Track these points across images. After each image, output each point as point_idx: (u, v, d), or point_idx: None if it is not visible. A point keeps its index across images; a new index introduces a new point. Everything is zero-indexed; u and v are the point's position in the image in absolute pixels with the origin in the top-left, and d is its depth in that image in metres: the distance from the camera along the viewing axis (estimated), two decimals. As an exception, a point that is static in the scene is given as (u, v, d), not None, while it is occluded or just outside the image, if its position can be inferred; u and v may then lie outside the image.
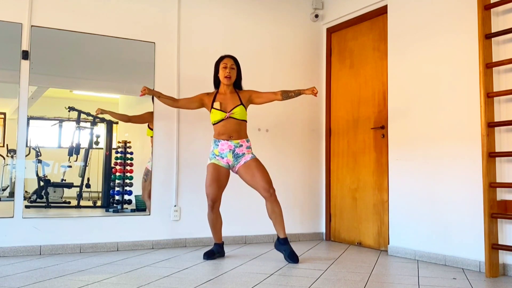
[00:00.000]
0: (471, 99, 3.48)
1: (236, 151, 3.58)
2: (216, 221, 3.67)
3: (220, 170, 3.58)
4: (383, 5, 4.31)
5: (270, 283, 2.82)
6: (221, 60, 3.70)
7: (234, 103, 3.62)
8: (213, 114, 3.62)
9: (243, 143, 3.60)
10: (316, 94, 3.51)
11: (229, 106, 3.61)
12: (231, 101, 3.63)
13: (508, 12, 3.30)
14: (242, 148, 3.59)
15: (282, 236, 3.59)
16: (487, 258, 3.15)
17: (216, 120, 3.61)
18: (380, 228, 4.25)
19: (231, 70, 3.65)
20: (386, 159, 4.21)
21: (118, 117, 4.19)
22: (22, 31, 3.76)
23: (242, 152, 3.58)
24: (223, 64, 3.67)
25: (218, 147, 3.60)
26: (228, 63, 3.66)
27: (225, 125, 3.59)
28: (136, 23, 4.20)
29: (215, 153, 3.61)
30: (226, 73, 3.64)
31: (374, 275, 3.14)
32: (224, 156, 3.58)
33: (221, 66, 3.68)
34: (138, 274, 3.03)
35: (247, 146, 3.62)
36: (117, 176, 4.20)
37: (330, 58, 5.00)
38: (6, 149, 3.83)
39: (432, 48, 3.81)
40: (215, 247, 3.70)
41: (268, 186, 3.52)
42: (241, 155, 3.58)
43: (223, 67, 3.66)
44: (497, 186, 3.19)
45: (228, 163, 3.60)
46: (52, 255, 3.69)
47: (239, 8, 4.70)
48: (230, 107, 3.60)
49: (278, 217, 3.55)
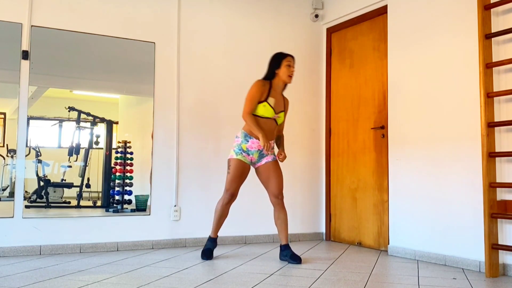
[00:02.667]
0: (471, 99, 3.48)
1: (263, 151, 3.57)
2: (224, 214, 3.63)
3: (245, 167, 3.56)
4: (383, 5, 4.31)
5: (270, 283, 2.82)
6: (285, 57, 3.56)
7: (281, 107, 3.58)
8: (265, 108, 3.48)
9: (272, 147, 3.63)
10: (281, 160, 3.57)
11: (278, 107, 3.55)
12: (280, 103, 3.58)
13: (508, 12, 3.30)
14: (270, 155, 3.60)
15: (283, 243, 3.60)
16: (487, 258, 3.15)
17: (263, 115, 3.50)
18: (380, 228, 4.25)
19: (293, 68, 3.58)
20: (386, 159, 4.21)
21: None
22: (22, 31, 3.76)
23: (267, 152, 3.55)
24: (287, 61, 3.54)
25: (247, 143, 3.53)
26: (292, 62, 3.56)
27: (266, 123, 3.52)
28: (136, 23, 4.21)
29: (243, 148, 3.54)
30: (291, 72, 3.55)
31: (374, 275, 3.14)
32: (251, 153, 3.55)
33: (285, 63, 3.53)
34: (138, 274, 3.03)
35: (272, 146, 3.62)
36: (117, 176, 4.20)
37: (330, 58, 5.00)
38: (6, 149, 3.83)
39: (432, 48, 3.81)
40: (211, 244, 3.67)
41: (278, 193, 3.53)
42: (265, 155, 3.58)
43: (288, 65, 3.54)
44: (497, 186, 3.19)
45: (251, 161, 3.58)
46: (52, 255, 3.69)
47: (239, 8, 4.70)
48: (278, 109, 3.55)
49: (282, 224, 3.57)
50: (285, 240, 3.60)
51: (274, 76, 3.58)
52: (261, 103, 3.48)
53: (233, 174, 3.53)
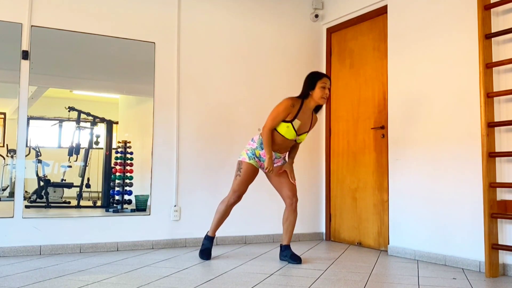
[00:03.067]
0: (471, 99, 3.48)
1: (274, 160, 3.59)
2: (226, 214, 3.64)
3: (255, 171, 3.60)
4: (383, 5, 4.31)
5: (270, 283, 2.82)
6: (321, 78, 3.43)
7: (306, 128, 3.53)
8: (287, 129, 3.41)
9: (285, 158, 3.65)
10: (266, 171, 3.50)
11: (302, 129, 3.49)
12: (307, 124, 3.52)
13: (508, 12, 3.30)
14: (280, 159, 3.62)
15: (285, 243, 3.61)
16: (487, 258, 3.15)
17: (283, 134, 3.44)
18: (380, 228, 4.25)
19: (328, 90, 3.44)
20: (386, 159, 4.21)
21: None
22: (22, 31, 3.76)
23: (279, 161, 3.62)
24: (322, 83, 3.41)
25: (262, 151, 3.54)
26: (327, 83, 3.42)
27: (284, 141, 3.48)
28: (136, 23, 4.20)
29: (256, 154, 3.55)
30: (326, 94, 3.41)
31: (374, 275, 3.14)
32: (262, 160, 3.58)
33: (320, 84, 3.40)
34: (138, 274, 3.03)
35: (284, 158, 3.65)
36: (117, 176, 4.20)
37: (330, 58, 5.00)
38: (6, 149, 3.83)
39: (432, 48, 3.81)
40: (209, 243, 3.66)
41: (292, 195, 3.55)
42: (275, 162, 3.61)
43: (322, 87, 3.40)
44: (497, 186, 3.19)
45: (262, 166, 3.62)
46: (52, 255, 3.69)
47: (239, 8, 4.69)
48: (302, 131, 3.50)
49: (290, 226, 3.59)
50: (287, 241, 3.61)
51: (307, 96, 3.46)
52: (285, 123, 3.41)
53: (243, 177, 3.54)
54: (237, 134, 4.56)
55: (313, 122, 3.59)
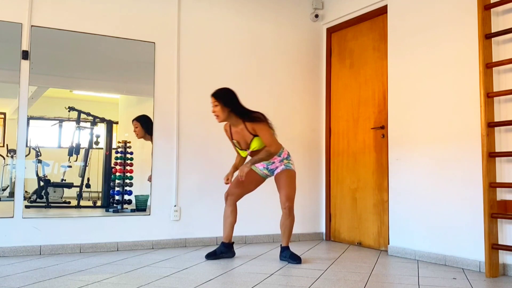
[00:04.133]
0: (471, 99, 3.48)
1: (269, 167, 3.64)
2: (227, 216, 3.66)
3: (252, 176, 3.65)
4: (383, 5, 4.31)
5: (270, 283, 2.82)
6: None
7: (246, 139, 3.53)
8: (240, 151, 3.66)
9: (275, 160, 3.61)
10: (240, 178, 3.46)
11: (243, 143, 3.55)
12: (244, 138, 3.53)
13: (508, 12, 3.30)
14: (275, 163, 3.62)
15: (283, 245, 3.62)
16: (487, 258, 3.15)
17: (245, 155, 3.67)
18: (380, 228, 4.25)
19: (215, 107, 3.46)
20: (386, 159, 4.21)
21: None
22: (22, 31, 3.76)
23: (276, 166, 3.62)
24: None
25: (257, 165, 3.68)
26: (212, 102, 3.48)
27: (252, 155, 3.61)
28: (136, 23, 4.20)
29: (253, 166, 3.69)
30: (213, 112, 3.50)
31: (374, 275, 3.14)
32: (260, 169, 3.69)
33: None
34: (138, 274, 3.03)
35: (280, 159, 3.61)
36: (117, 176, 4.20)
37: (330, 58, 4.99)
38: (6, 149, 3.83)
39: (432, 47, 3.81)
40: (218, 248, 3.67)
41: (284, 201, 3.54)
42: (275, 169, 3.63)
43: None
44: (497, 186, 3.19)
45: (266, 174, 3.69)
46: (52, 255, 3.69)
47: (239, 8, 4.69)
48: (245, 145, 3.56)
49: (286, 229, 3.59)
50: (285, 242, 3.62)
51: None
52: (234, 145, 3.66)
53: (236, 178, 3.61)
54: (237, 134, 4.55)
55: (251, 129, 3.46)
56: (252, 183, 3.69)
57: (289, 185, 3.56)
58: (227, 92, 3.51)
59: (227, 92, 3.50)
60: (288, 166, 3.61)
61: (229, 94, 3.49)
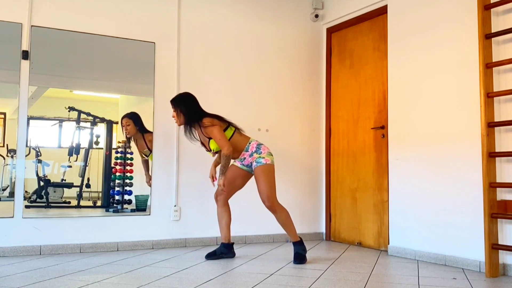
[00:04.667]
0: (471, 99, 3.48)
1: (244, 163, 3.62)
2: (221, 216, 3.67)
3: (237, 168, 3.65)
4: (383, 5, 4.31)
5: (270, 283, 2.82)
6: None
7: (205, 141, 3.59)
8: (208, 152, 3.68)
9: (245, 155, 3.58)
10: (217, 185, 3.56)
11: (206, 145, 3.60)
12: (204, 140, 3.60)
13: (508, 12, 3.30)
14: (247, 159, 3.58)
15: (292, 240, 3.59)
16: (487, 258, 3.15)
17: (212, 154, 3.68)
18: (380, 228, 4.25)
19: (174, 112, 3.58)
20: (386, 159, 4.21)
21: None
22: (22, 31, 3.76)
23: (249, 161, 3.59)
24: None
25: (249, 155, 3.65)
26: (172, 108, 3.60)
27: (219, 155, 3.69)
28: (136, 23, 4.20)
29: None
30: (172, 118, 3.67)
31: (374, 275, 3.14)
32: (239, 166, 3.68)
33: None
34: (138, 274, 3.03)
35: (249, 154, 3.56)
36: (117, 176, 4.20)
37: (330, 58, 5.00)
38: (6, 149, 3.83)
39: (432, 47, 3.81)
40: (218, 248, 3.66)
41: (264, 200, 3.49)
42: (250, 164, 3.60)
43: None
44: (497, 186, 3.19)
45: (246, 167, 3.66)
46: (52, 255, 3.69)
47: (239, 8, 4.70)
48: (208, 147, 3.59)
49: (283, 225, 3.56)
50: (292, 237, 3.57)
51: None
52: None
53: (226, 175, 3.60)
54: (237, 134, 4.56)
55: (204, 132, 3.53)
56: (237, 179, 3.64)
57: (264, 183, 3.47)
58: (184, 97, 3.58)
59: (184, 97, 3.58)
60: (259, 161, 3.50)
61: (185, 100, 3.57)
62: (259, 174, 3.49)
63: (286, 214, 3.55)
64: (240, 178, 3.66)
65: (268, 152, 3.56)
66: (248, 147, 3.57)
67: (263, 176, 3.48)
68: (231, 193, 3.69)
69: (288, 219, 3.54)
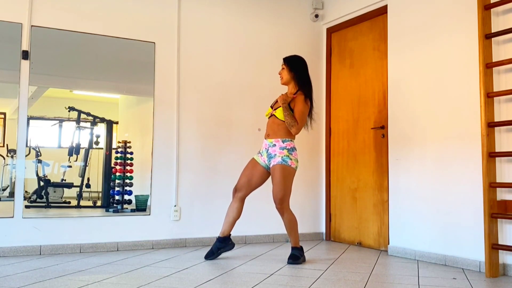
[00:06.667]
0: (471, 99, 3.48)
1: (269, 150, 3.54)
2: (232, 211, 3.60)
3: (256, 165, 3.61)
4: (383, 5, 4.31)
5: (270, 283, 2.82)
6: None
7: (284, 102, 3.54)
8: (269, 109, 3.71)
9: (277, 143, 3.50)
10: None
11: (278, 104, 3.59)
12: (285, 100, 3.55)
13: (508, 12, 3.30)
14: (275, 148, 3.50)
15: (292, 245, 3.59)
16: (487, 258, 3.15)
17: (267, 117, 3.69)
18: (380, 228, 4.25)
19: (282, 70, 3.68)
20: (386, 159, 4.21)
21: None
22: (22, 31, 3.76)
23: (274, 152, 3.50)
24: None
25: (262, 144, 3.65)
26: (282, 64, 3.71)
27: (268, 122, 3.63)
28: (136, 23, 4.20)
29: (260, 150, 3.67)
30: (278, 74, 3.74)
31: (374, 275, 3.14)
32: (263, 154, 3.60)
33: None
34: (138, 274, 3.03)
35: (281, 147, 3.48)
36: (117, 176, 4.20)
37: (330, 58, 5.00)
38: (6, 149, 3.83)
39: (432, 48, 3.81)
40: (214, 245, 3.64)
41: (274, 199, 3.47)
42: (273, 156, 3.51)
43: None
44: (497, 186, 3.19)
45: (265, 162, 3.58)
46: (52, 255, 3.69)
47: (239, 8, 4.70)
48: (276, 106, 3.61)
49: (287, 229, 3.55)
50: (292, 243, 3.57)
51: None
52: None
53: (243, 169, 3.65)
54: (237, 134, 4.56)
55: (294, 100, 3.59)
56: (257, 174, 3.59)
57: (281, 184, 3.42)
58: (297, 59, 3.69)
59: (297, 59, 3.69)
60: (284, 160, 3.44)
61: (298, 62, 3.67)
62: (278, 172, 3.43)
63: (294, 220, 3.53)
64: (257, 175, 3.58)
65: (297, 158, 3.55)
66: (287, 140, 3.52)
67: (282, 176, 3.43)
68: (250, 191, 3.62)
69: (294, 226, 3.53)
